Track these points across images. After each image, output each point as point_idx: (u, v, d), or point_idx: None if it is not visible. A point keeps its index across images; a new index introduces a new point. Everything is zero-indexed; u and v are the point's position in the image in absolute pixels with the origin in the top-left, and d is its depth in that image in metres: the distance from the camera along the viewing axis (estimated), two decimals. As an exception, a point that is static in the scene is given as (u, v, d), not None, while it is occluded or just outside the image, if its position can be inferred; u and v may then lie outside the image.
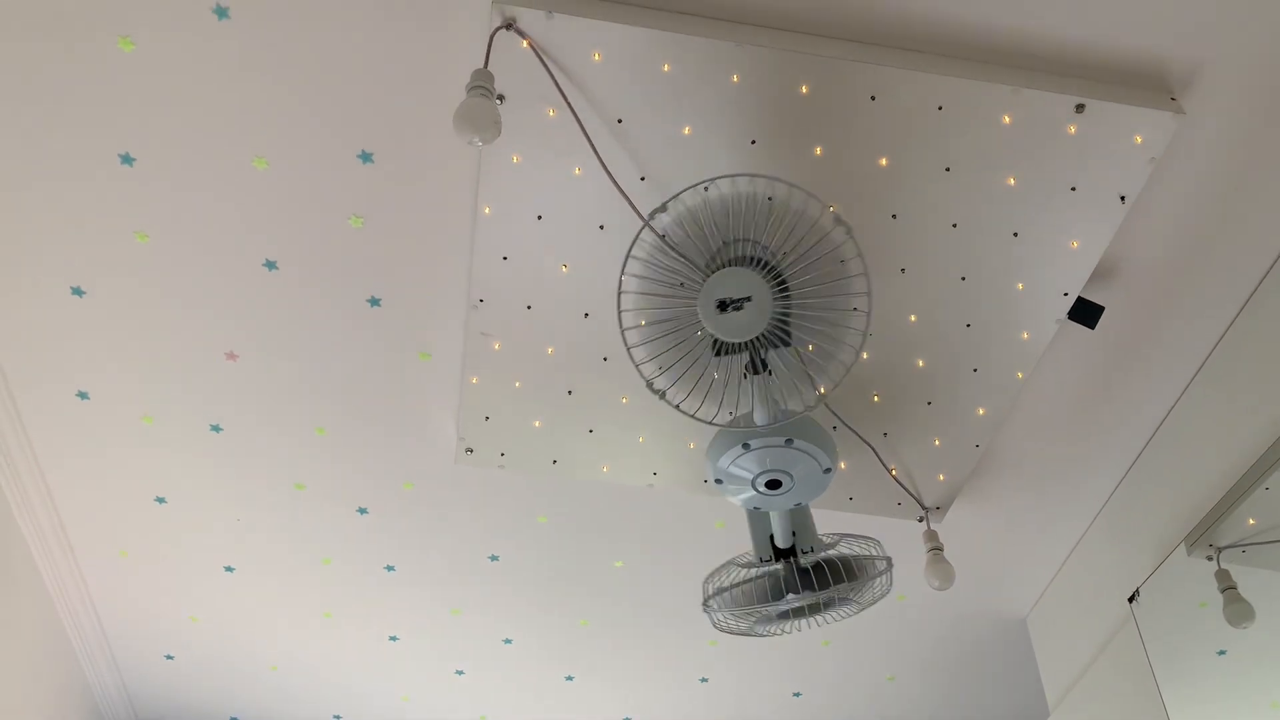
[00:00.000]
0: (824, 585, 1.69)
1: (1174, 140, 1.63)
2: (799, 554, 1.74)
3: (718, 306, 1.51)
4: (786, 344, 1.60)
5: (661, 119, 1.58)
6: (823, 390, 1.67)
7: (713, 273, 1.55)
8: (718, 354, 1.62)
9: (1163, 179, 1.69)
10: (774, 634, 1.81)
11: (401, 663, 2.70)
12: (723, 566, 1.78)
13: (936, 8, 1.53)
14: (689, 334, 1.61)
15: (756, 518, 1.79)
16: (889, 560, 1.75)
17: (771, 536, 1.77)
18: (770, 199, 1.56)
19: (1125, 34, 1.55)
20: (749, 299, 1.51)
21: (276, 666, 2.72)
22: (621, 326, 1.61)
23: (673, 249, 1.58)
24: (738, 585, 1.76)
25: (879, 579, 1.75)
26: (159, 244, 1.83)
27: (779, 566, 1.74)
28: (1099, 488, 2.21)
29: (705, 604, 1.77)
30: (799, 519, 1.78)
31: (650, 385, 1.62)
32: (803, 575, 1.71)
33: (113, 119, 1.67)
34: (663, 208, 1.57)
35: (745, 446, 1.63)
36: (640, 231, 1.58)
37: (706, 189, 1.56)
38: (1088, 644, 2.28)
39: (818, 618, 1.79)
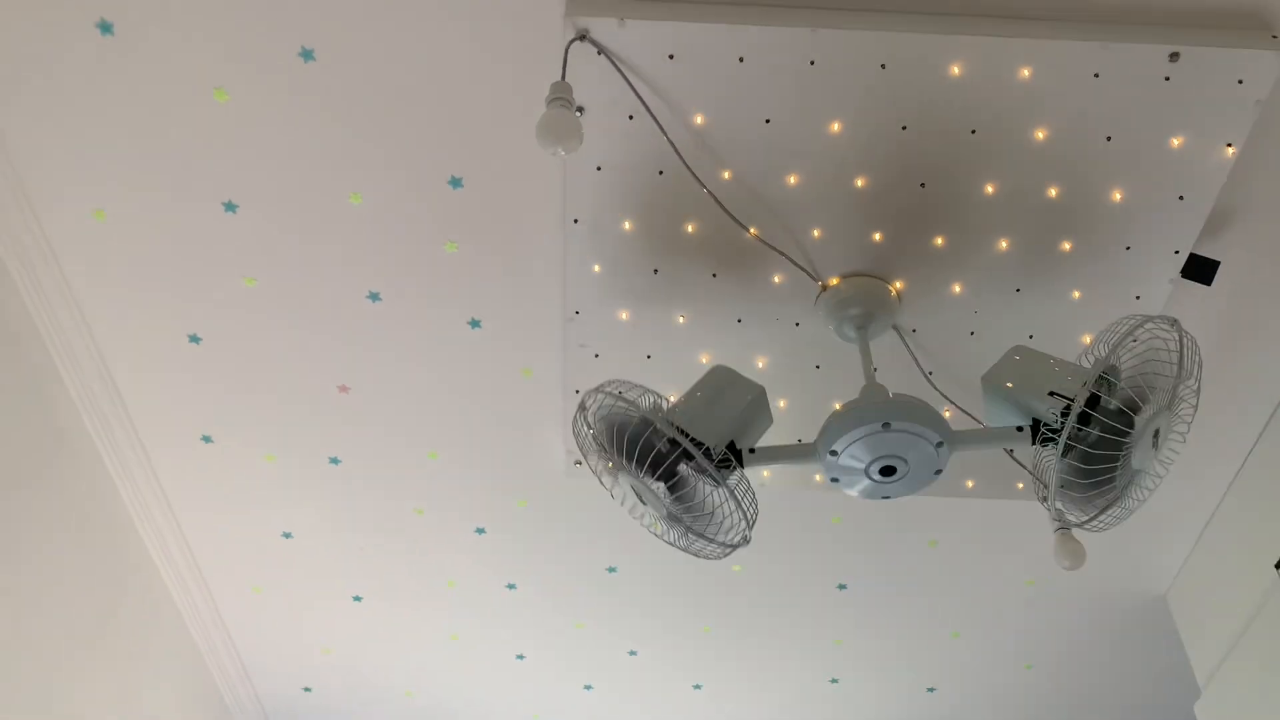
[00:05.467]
0: (676, 504, 1.53)
1: (1279, 80, 1.56)
2: (708, 454, 1.52)
3: (1154, 434, 1.51)
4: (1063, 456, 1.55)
5: (741, 112, 1.58)
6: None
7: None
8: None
9: (1272, 121, 1.61)
10: (598, 471, 1.60)
11: (530, 681, 2.72)
12: (638, 386, 1.55)
13: (1013, -30, 1.50)
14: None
15: (747, 418, 1.62)
16: (746, 541, 1.59)
17: (734, 445, 1.58)
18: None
19: (1216, -26, 1.49)
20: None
21: (411, 692, 2.78)
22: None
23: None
24: (626, 414, 1.53)
25: (710, 545, 1.59)
26: (266, 286, 1.90)
27: (664, 444, 1.52)
28: (1233, 450, 2.11)
29: (593, 390, 1.54)
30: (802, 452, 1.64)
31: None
32: (667, 467, 1.51)
33: (214, 169, 1.75)
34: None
35: (886, 426, 1.54)
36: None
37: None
38: (1235, 617, 2.18)
39: (637, 510, 1.61)
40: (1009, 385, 1.61)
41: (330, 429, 2.12)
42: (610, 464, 1.58)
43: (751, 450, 1.62)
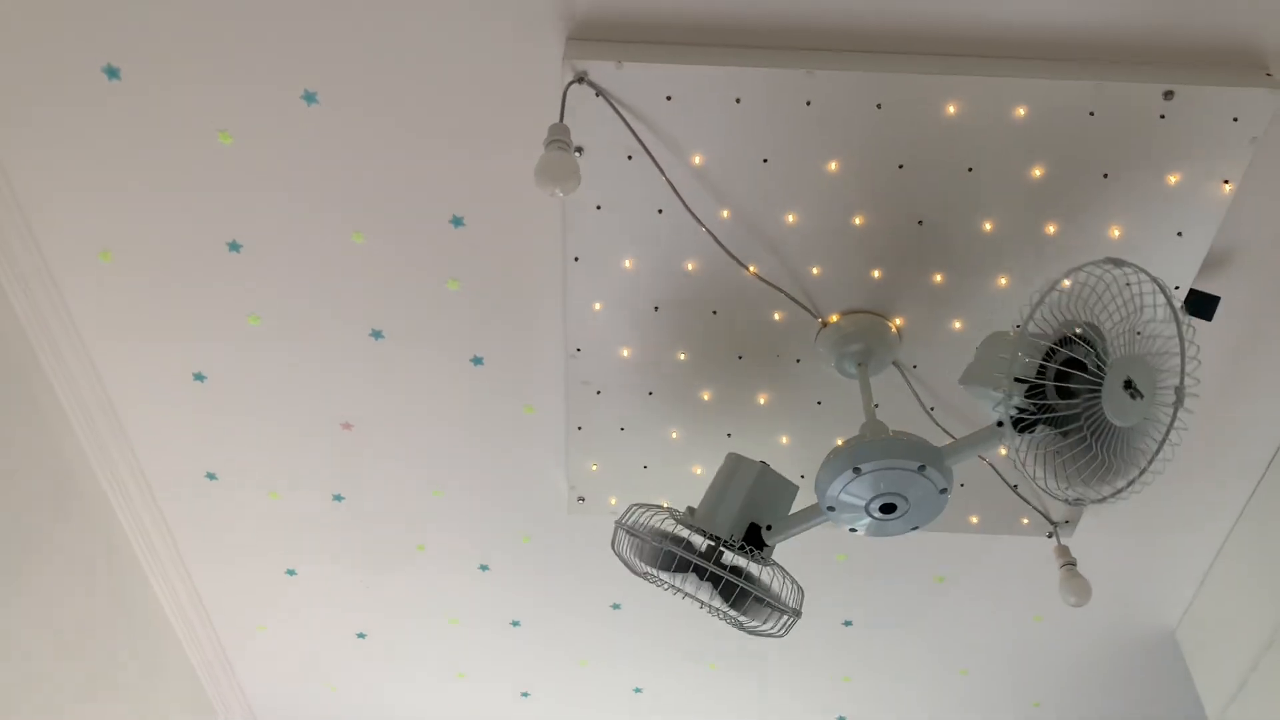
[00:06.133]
0: (727, 593, 1.62)
1: (1275, 117, 1.56)
2: (729, 548, 1.65)
3: (1124, 384, 1.45)
4: (1065, 436, 1.50)
5: (739, 151, 1.59)
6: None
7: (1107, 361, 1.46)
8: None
9: (1268, 157, 1.62)
10: (656, 584, 1.72)
11: (535, 718, 2.71)
12: (659, 509, 1.70)
13: (1008, 12, 1.51)
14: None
15: (756, 491, 1.70)
16: (797, 615, 1.68)
17: (754, 526, 1.67)
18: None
19: (1209, 13, 1.50)
20: (1142, 396, 1.45)
21: (415, 730, 2.76)
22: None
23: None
24: (657, 531, 1.67)
25: (768, 621, 1.68)
26: (270, 324, 1.91)
27: (700, 539, 1.65)
28: (1241, 484, 2.10)
29: (619, 522, 1.68)
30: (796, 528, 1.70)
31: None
32: (715, 564, 1.63)
33: (219, 210, 1.77)
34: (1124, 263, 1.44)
35: (856, 471, 1.58)
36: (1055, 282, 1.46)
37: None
38: (1245, 653, 2.16)
39: (701, 606, 1.71)
40: (980, 383, 1.58)
41: (334, 466, 2.13)
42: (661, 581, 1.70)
43: (769, 527, 1.67)
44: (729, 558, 1.66)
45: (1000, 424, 1.53)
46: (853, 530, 1.66)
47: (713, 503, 1.72)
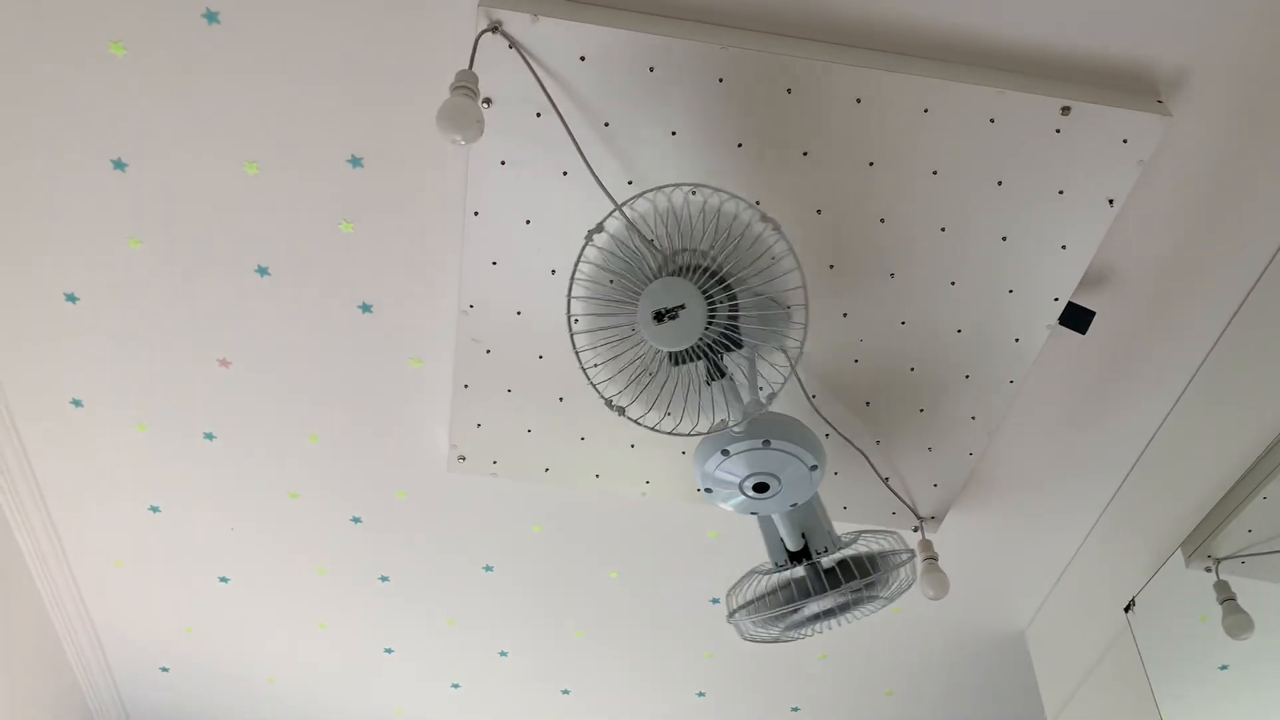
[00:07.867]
0: (843, 583, 1.70)
1: (1162, 143, 1.63)
2: (816, 555, 1.74)
3: (654, 317, 1.51)
4: (739, 346, 1.58)
5: (648, 122, 1.59)
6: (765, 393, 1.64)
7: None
8: (676, 364, 1.60)
9: (1152, 182, 1.69)
10: (808, 635, 1.82)
11: (397, 675, 2.69)
12: (745, 577, 1.79)
13: (922, 12, 1.53)
14: (642, 350, 1.62)
15: (766, 524, 1.79)
16: (911, 551, 1.76)
17: (783, 540, 1.76)
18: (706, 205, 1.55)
19: (1112, 38, 1.55)
20: (682, 307, 1.50)
21: (273, 679, 2.71)
22: (575, 347, 1.62)
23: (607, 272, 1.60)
24: (761, 596, 1.77)
25: (901, 570, 1.75)
26: (152, 250, 1.84)
27: (799, 570, 1.74)
28: (1098, 495, 2.19)
29: (731, 618, 1.78)
30: (806, 519, 1.76)
31: (609, 403, 1.61)
32: (825, 576, 1.71)
33: (105, 124, 1.69)
34: (599, 228, 1.56)
35: (724, 453, 1.62)
36: (583, 249, 1.57)
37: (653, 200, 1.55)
38: (1086, 656, 2.26)
39: (848, 615, 1.80)
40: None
41: (208, 403, 2.07)
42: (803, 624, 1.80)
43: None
44: (826, 561, 1.74)
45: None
46: (738, 507, 1.70)
47: (769, 542, 1.81)
